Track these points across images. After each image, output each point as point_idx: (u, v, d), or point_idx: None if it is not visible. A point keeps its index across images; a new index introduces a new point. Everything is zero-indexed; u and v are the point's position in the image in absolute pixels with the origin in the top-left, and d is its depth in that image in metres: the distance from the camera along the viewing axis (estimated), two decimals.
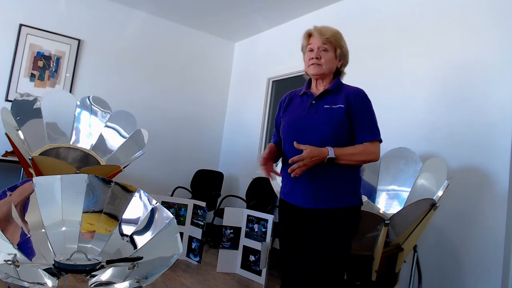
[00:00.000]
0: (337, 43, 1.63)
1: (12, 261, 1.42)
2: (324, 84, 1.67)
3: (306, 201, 1.58)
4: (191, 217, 3.43)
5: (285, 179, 1.71)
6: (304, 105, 1.67)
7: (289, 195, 1.66)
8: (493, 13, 2.50)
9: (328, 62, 1.62)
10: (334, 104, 1.59)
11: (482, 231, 2.35)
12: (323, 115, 1.59)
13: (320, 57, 1.61)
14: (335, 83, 1.65)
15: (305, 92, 1.70)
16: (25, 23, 3.93)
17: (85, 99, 3.33)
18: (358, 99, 1.59)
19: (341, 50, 1.64)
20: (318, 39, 1.62)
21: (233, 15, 4.43)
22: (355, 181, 1.62)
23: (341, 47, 1.64)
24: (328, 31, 1.63)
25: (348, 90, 1.63)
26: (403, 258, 2.20)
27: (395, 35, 3.13)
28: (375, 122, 1.61)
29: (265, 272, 2.97)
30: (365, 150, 1.55)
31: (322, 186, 1.55)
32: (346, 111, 1.57)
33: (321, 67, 1.62)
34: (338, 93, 1.63)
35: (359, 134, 1.57)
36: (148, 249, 1.66)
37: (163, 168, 4.75)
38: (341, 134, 1.56)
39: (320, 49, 1.62)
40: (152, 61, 4.73)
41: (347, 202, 1.57)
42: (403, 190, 2.53)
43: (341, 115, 1.56)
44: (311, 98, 1.66)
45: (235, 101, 5.25)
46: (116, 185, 1.91)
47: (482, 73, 2.50)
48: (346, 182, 1.57)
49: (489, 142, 2.39)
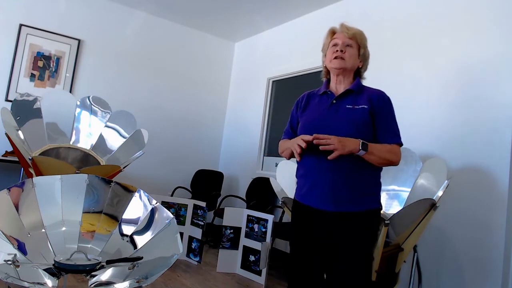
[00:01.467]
0: (361, 42, 1.62)
1: (12, 261, 1.42)
2: (344, 83, 1.63)
3: (325, 203, 1.51)
4: (191, 217, 3.43)
5: (302, 180, 1.64)
6: (324, 104, 1.63)
7: (307, 197, 1.58)
8: (493, 13, 2.50)
9: (352, 57, 1.59)
10: (357, 104, 1.56)
11: (482, 231, 2.35)
12: (345, 115, 1.55)
13: (344, 51, 1.58)
14: (356, 83, 1.62)
15: (325, 91, 1.65)
16: (25, 23, 3.93)
17: (85, 99, 3.32)
18: (382, 101, 1.57)
19: (364, 51, 1.63)
20: (343, 34, 1.60)
21: (233, 15, 4.43)
22: (376, 182, 1.58)
23: (364, 47, 1.63)
24: (354, 28, 1.62)
25: (371, 91, 1.61)
26: (403, 258, 2.20)
27: (395, 36, 3.13)
28: (397, 125, 1.59)
29: (265, 272, 2.97)
30: (392, 150, 1.53)
31: (342, 188, 1.50)
32: (370, 112, 1.54)
33: (344, 61, 1.58)
34: (360, 93, 1.60)
35: (382, 137, 1.55)
36: (148, 249, 1.66)
37: (163, 168, 4.75)
38: (364, 135, 1.51)
39: (344, 44, 1.59)
40: (152, 61, 4.73)
41: (368, 205, 1.53)
42: (403, 190, 2.53)
43: (365, 116, 1.53)
44: (332, 97, 1.61)
45: (235, 101, 5.25)
46: (116, 185, 1.91)
47: (482, 73, 2.50)
48: (367, 183, 1.53)
49: (489, 142, 2.39)
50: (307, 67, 4.02)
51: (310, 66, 3.96)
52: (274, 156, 4.40)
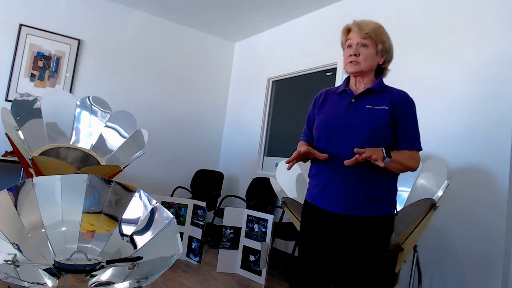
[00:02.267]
0: (378, 38, 1.51)
1: (12, 261, 1.42)
2: (364, 82, 1.56)
3: (337, 206, 1.46)
4: (191, 217, 3.43)
5: (315, 180, 1.58)
6: (342, 103, 1.55)
7: (318, 198, 1.53)
8: (495, 14, 2.51)
9: (367, 59, 1.51)
10: (377, 105, 1.48)
11: (482, 231, 2.35)
12: (364, 115, 1.48)
13: (358, 53, 1.50)
14: (378, 82, 1.55)
15: (344, 90, 1.58)
16: (25, 23, 3.93)
17: (85, 99, 3.32)
18: (405, 103, 1.49)
19: (383, 45, 1.52)
20: (357, 34, 1.51)
21: (233, 15, 4.43)
22: (392, 188, 1.51)
23: (383, 42, 1.52)
24: (368, 25, 1.51)
25: (393, 92, 1.53)
26: (403, 258, 2.20)
27: (396, 36, 3.11)
28: (418, 129, 1.53)
29: (265, 272, 2.97)
30: (413, 156, 1.47)
31: (357, 190, 1.44)
32: (391, 114, 1.47)
33: (359, 65, 1.51)
34: (381, 93, 1.52)
35: (405, 140, 1.49)
36: (148, 249, 1.66)
37: (163, 168, 4.75)
38: (384, 137, 1.46)
39: (359, 45, 1.51)
40: (152, 61, 4.73)
41: (382, 210, 1.46)
42: (403, 190, 2.53)
43: (386, 117, 1.46)
44: (351, 96, 1.54)
45: (235, 101, 5.25)
46: (116, 185, 1.91)
47: (482, 73, 2.50)
48: (382, 188, 1.47)
49: (489, 142, 2.39)
50: (307, 67, 4.02)
51: (310, 66, 3.97)
52: (274, 156, 4.40)
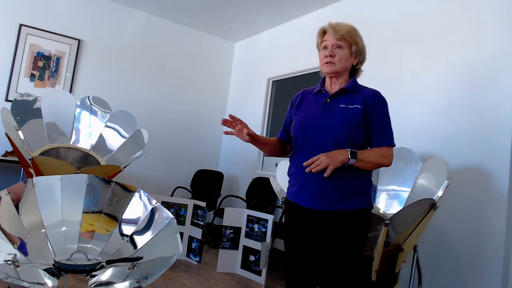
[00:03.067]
0: (352, 39, 1.57)
1: (12, 261, 1.42)
2: (339, 83, 1.62)
3: (315, 202, 1.52)
4: (191, 217, 3.43)
5: (293, 179, 1.64)
6: (318, 103, 1.62)
7: (297, 195, 1.59)
8: (493, 13, 2.50)
9: (342, 59, 1.57)
10: (350, 104, 1.55)
11: (482, 231, 2.35)
12: (338, 114, 1.54)
13: (333, 55, 1.56)
14: (351, 82, 1.61)
15: (319, 90, 1.64)
16: (25, 23, 3.93)
17: (85, 99, 3.32)
18: (376, 101, 1.56)
19: (357, 47, 1.59)
20: (332, 36, 1.57)
21: (233, 15, 4.43)
22: (366, 183, 1.57)
23: (356, 43, 1.59)
24: (343, 27, 1.58)
25: (366, 91, 1.59)
26: (403, 258, 2.20)
27: (395, 36, 3.13)
28: (391, 126, 1.58)
29: (265, 272, 2.97)
30: (382, 154, 1.52)
31: (332, 187, 1.49)
32: (363, 112, 1.53)
33: (334, 65, 1.57)
34: (354, 93, 1.58)
35: (375, 137, 1.55)
36: (148, 249, 1.66)
37: (163, 168, 4.75)
38: (356, 135, 1.52)
39: (334, 46, 1.57)
40: (152, 61, 4.73)
41: (358, 205, 1.52)
42: (403, 190, 2.53)
43: (358, 116, 1.52)
44: (326, 96, 1.60)
45: (235, 101, 5.25)
46: (116, 185, 1.90)
47: (482, 73, 2.50)
48: (357, 184, 1.53)
49: (489, 142, 2.39)
50: (307, 67, 4.02)
51: (310, 66, 3.96)
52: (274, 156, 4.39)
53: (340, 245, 1.50)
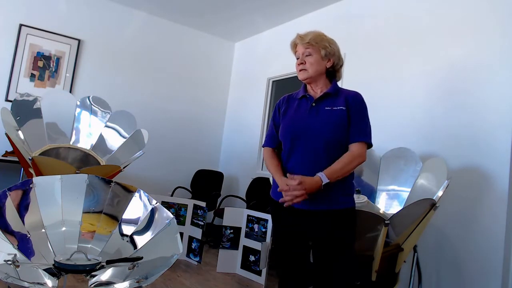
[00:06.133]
0: (319, 44, 1.65)
1: (12, 261, 1.42)
2: (320, 87, 1.69)
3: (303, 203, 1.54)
4: (191, 217, 3.43)
5: None
6: (304, 107, 1.68)
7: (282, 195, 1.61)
8: (493, 14, 2.50)
9: (313, 65, 1.64)
10: (335, 106, 1.62)
11: (482, 231, 2.35)
12: (325, 117, 1.61)
13: (304, 62, 1.66)
14: (332, 86, 1.68)
15: (303, 95, 1.72)
16: (25, 23, 3.93)
17: (85, 99, 3.32)
18: (356, 101, 1.63)
19: (326, 50, 1.65)
20: (300, 45, 1.67)
21: (233, 15, 4.43)
22: (348, 185, 1.64)
23: (325, 47, 1.65)
24: (308, 35, 1.67)
25: (347, 93, 1.67)
26: (403, 258, 2.20)
27: (395, 35, 3.13)
28: (367, 125, 1.64)
29: (265, 272, 2.97)
30: (352, 157, 1.57)
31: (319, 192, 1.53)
32: (347, 113, 1.60)
33: (307, 71, 1.65)
34: (337, 96, 1.66)
35: (352, 133, 1.60)
36: (148, 249, 1.66)
37: (163, 168, 4.75)
38: (344, 136, 1.59)
39: (304, 54, 1.66)
40: (152, 61, 4.73)
41: (344, 204, 1.60)
42: (403, 190, 2.53)
43: (343, 117, 1.59)
44: (311, 100, 1.67)
45: (235, 101, 5.25)
46: (116, 185, 1.91)
47: (482, 73, 2.50)
48: (340, 187, 1.58)
49: (489, 142, 2.39)
50: None
51: None
52: None
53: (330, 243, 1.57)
